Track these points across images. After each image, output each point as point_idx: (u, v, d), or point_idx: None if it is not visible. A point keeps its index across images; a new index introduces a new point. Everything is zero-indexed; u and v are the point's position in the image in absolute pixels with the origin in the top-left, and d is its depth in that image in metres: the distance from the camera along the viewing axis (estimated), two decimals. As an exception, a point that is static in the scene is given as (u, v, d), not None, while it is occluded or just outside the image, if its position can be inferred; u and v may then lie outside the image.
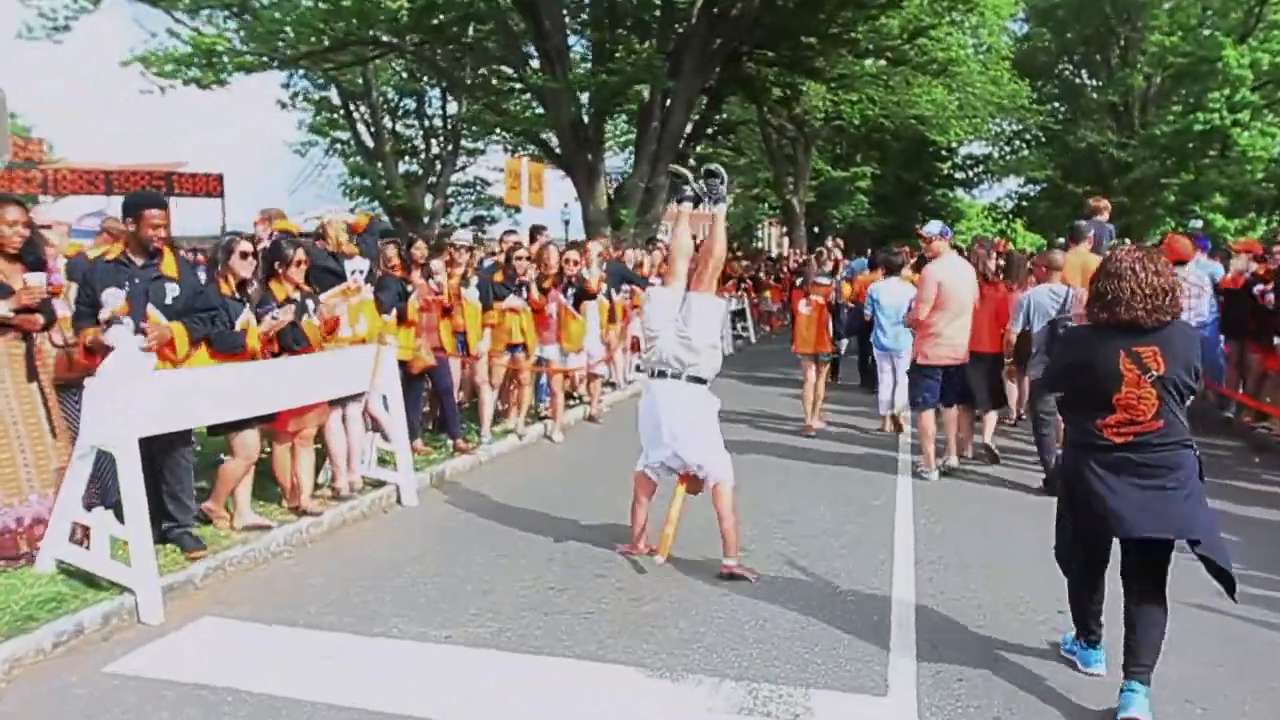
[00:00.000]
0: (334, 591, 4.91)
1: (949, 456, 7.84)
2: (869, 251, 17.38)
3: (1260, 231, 32.41)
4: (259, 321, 5.57)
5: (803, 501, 6.88)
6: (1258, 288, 9.36)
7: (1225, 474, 7.94)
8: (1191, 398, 3.74)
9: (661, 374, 5.22)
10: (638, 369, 12.97)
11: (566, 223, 33.08)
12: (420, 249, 7.92)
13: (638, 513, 5.51)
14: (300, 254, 5.96)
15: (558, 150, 20.23)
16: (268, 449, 6.21)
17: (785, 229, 38.22)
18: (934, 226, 8.21)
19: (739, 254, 23.98)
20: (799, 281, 10.72)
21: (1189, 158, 35.05)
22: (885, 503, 6.90)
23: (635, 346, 12.97)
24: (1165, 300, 3.60)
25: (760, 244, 53.06)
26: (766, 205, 44.74)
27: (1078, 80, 43.60)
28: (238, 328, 5.45)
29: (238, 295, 5.56)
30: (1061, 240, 11.53)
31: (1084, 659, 4.12)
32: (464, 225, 40.62)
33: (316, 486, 6.63)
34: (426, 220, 34.84)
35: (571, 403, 10.80)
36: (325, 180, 39.34)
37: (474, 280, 8.21)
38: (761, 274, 22.33)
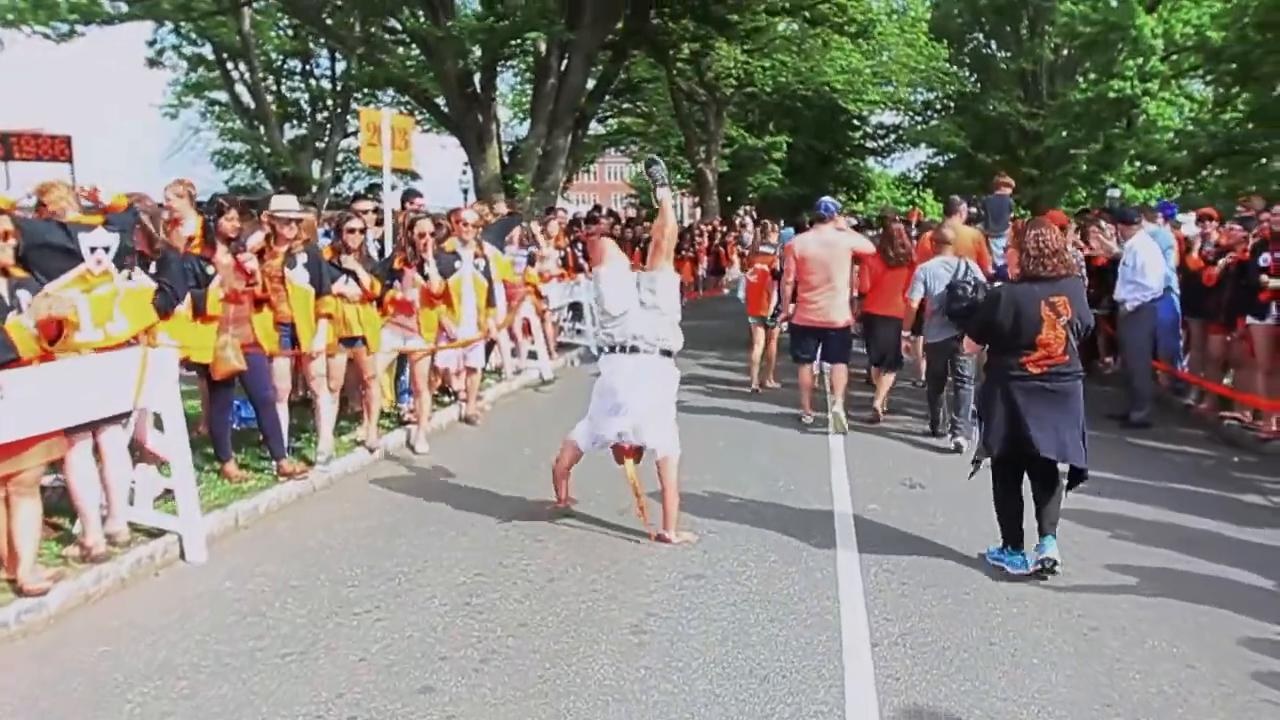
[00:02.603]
0: (4, 745, 3.23)
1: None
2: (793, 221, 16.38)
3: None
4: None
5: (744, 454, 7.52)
6: (1263, 256, 7.91)
7: (1216, 482, 6.75)
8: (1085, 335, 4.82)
9: (634, 349, 5.25)
10: (530, 355, 11.36)
11: (465, 191, 30.99)
12: (231, 220, 6.13)
13: (562, 479, 5.65)
14: (6, 223, 4.18)
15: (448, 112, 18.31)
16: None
17: (697, 199, 36.72)
18: (821, 202, 8.80)
19: (645, 223, 22.39)
20: (746, 251, 12.43)
21: (1098, 127, 34.82)
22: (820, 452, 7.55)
23: (526, 330, 11.38)
24: (1066, 257, 4.77)
25: (672, 214, 51.48)
26: (679, 174, 43.25)
27: (987, 50, 43.23)
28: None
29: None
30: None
31: (1011, 561, 4.86)
32: (358, 195, 37.88)
33: (69, 539, 4.90)
34: (315, 190, 32.23)
35: (447, 399, 9.17)
36: (204, 147, 36.33)
37: (301, 259, 6.45)
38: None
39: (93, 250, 4.58)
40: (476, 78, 16.97)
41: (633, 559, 5.00)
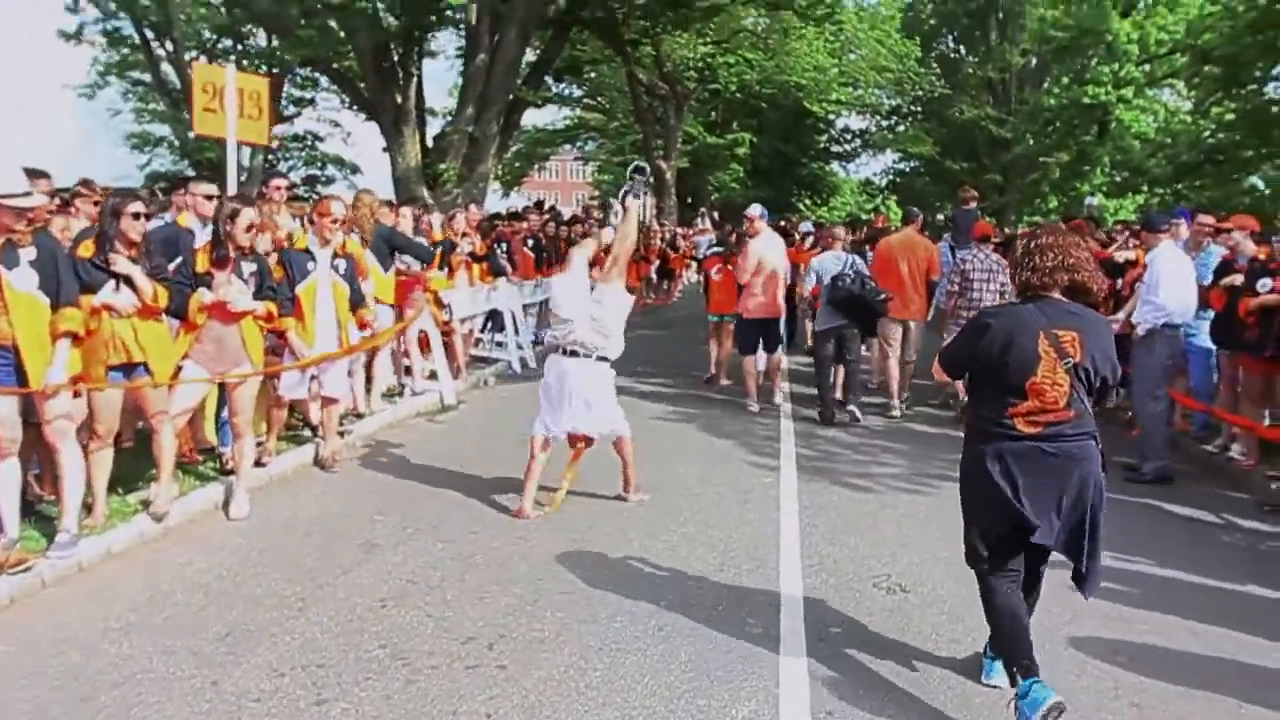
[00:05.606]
0: None
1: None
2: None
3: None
4: None
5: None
6: (1262, 282, 6.91)
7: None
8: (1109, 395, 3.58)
9: (574, 353, 5.66)
10: (430, 376, 9.43)
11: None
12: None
13: (532, 472, 5.72)
14: None
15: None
16: None
17: (655, 199, 34.96)
18: (755, 209, 9.44)
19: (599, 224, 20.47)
20: (711, 252, 11.88)
21: (1070, 134, 33.71)
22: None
23: (425, 345, 9.45)
24: (1085, 270, 3.43)
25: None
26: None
27: (955, 55, 42.11)
28: None
29: None
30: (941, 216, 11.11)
31: (1030, 703, 3.19)
32: (294, 186, 35.54)
33: None
34: (244, 179, 29.90)
35: (307, 434, 7.29)
36: (125, 129, 33.77)
37: (27, 256, 4.49)
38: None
39: None
40: (395, 52, 15.00)
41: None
